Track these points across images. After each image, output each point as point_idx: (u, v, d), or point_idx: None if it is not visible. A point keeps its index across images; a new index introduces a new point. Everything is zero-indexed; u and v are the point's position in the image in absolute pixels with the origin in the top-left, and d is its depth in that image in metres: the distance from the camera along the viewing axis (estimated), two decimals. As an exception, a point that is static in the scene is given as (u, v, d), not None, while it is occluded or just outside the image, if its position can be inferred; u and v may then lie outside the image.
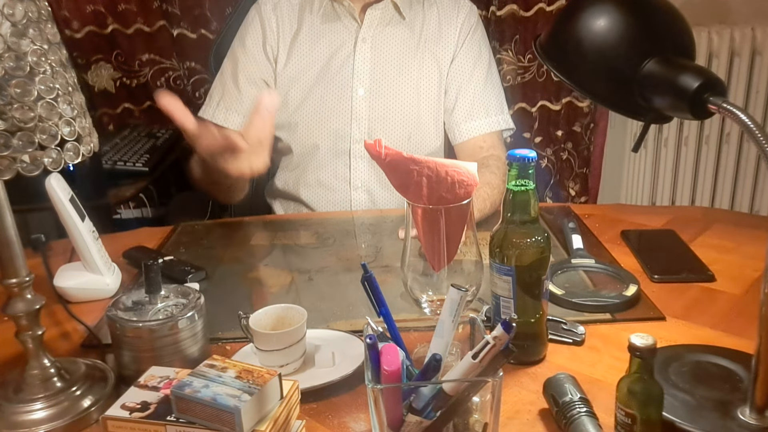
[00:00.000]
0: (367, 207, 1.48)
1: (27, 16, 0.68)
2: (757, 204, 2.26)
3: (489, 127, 1.46)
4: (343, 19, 1.46)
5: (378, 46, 1.46)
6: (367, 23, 1.45)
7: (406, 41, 1.47)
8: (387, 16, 1.46)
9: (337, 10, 1.46)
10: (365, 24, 1.45)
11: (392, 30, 1.47)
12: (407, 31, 1.47)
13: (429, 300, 0.84)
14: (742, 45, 2.10)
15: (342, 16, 1.46)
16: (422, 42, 1.47)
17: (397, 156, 0.81)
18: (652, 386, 0.67)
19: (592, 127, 2.19)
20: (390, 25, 1.47)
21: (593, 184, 2.28)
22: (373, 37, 1.46)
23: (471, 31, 1.49)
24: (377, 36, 1.46)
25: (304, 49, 1.46)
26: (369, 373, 0.64)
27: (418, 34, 1.47)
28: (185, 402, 0.68)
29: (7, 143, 0.68)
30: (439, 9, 1.49)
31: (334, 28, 1.46)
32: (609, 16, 0.81)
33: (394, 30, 1.47)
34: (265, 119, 1.08)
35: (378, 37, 1.46)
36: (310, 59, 1.46)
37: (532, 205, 0.82)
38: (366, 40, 1.45)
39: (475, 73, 1.48)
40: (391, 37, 1.46)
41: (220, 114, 1.46)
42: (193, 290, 0.89)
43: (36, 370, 0.82)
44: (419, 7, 1.48)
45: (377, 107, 1.45)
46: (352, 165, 1.47)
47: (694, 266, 1.11)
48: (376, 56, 1.46)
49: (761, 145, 0.67)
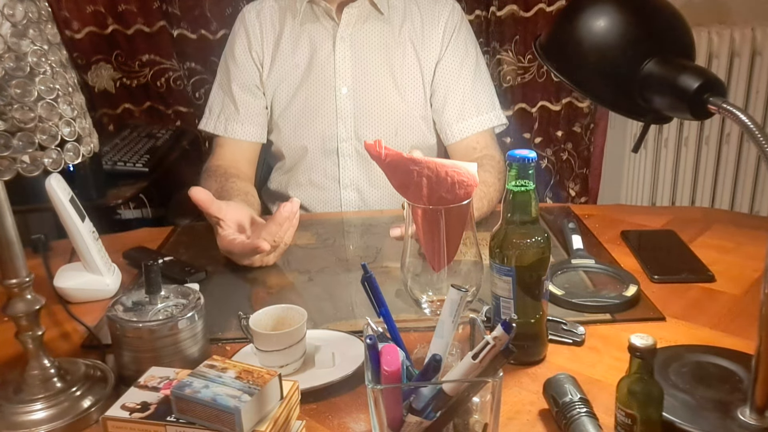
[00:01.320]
0: (357, 206, 1.49)
1: (27, 16, 0.68)
2: (757, 204, 2.26)
3: (481, 125, 1.46)
4: (321, 19, 1.47)
5: (357, 44, 1.46)
6: (345, 22, 1.45)
7: (386, 36, 1.47)
8: (364, 13, 1.46)
9: (315, 11, 1.47)
10: (342, 22, 1.45)
11: (370, 26, 1.47)
12: (386, 26, 1.47)
13: (429, 300, 0.84)
14: (742, 45, 2.10)
15: (320, 16, 1.47)
16: (403, 37, 1.47)
17: (397, 156, 0.81)
18: (652, 387, 0.67)
19: (592, 127, 2.19)
20: (368, 22, 1.47)
21: (593, 184, 2.28)
22: (351, 35, 1.46)
23: (455, 30, 1.48)
24: (355, 33, 1.46)
25: (286, 53, 1.47)
26: (369, 374, 0.64)
27: (398, 29, 1.47)
28: (185, 402, 0.68)
29: (7, 144, 0.68)
30: (420, 6, 1.49)
31: (314, 29, 1.47)
32: (609, 16, 0.81)
33: (373, 26, 1.47)
34: (281, 226, 1.11)
35: (356, 35, 1.46)
36: (293, 62, 1.47)
37: (532, 206, 0.82)
38: (345, 39, 1.46)
39: (462, 72, 1.47)
40: (369, 34, 1.47)
41: (221, 125, 1.49)
42: (193, 291, 0.89)
43: (36, 371, 0.82)
44: (399, 2, 1.48)
45: (361, 104, 1.46)
46: (341, 164, 1.47)
47: (694, 267, 1.11)
48: (356, 54, 1.46)
49: (761, 145, 0.67)
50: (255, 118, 1.48)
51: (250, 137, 1.49)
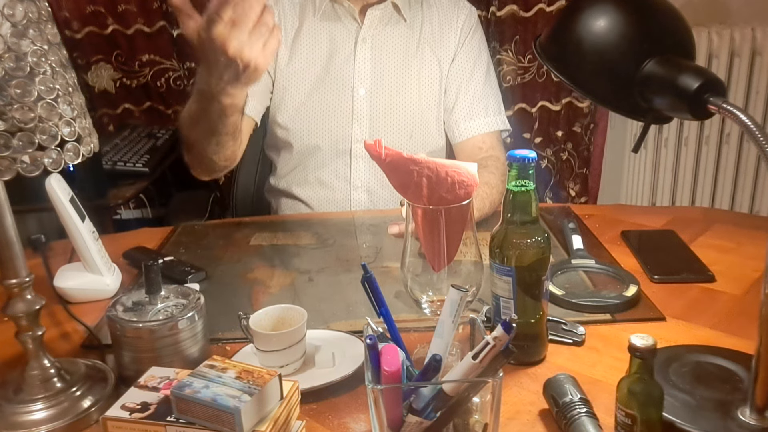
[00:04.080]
0: (366, 206, 1.49)
1: (27, 16, 0.68)
2: (757, 204, 2.26)
3: (488, 126, 1.47)
4: (343, 19, 1.46)
5: (378, 46, 1.46)
6: (368, 23, 1.45)
7: (407, 41, 1.47)
8: (386, 17, 1.47)
9: (337, 10, 1.46)
10: (365, 24, 1.45)
11: (392, 30, 1.47)
12: (407, 30, 1.47)
13: (429, 300, 0.84)
14: (742, 45, 2.10)
15: (342, 16, 1.46)
16: (422, 41, 1.47)
17: (397, 156, 0.81)
18: (652, 387, 0.67)
19: (592, 127, 2.19)
20: (390, 25, 1.47)
21: (593, 184, 2.28)
22: (373, 37, 1.46)
23: (471, 32, 1.50)
24: (377, 36, 1.46)
25: (304, 49, 1.46)
26: (369, 374, 0.64)
27: (418, 34, 1.47)
28: (185, 402, 0.68)
29: (7, 144, 0.68)
30: (439, 10, 1.50)
31: (335, 28, 1.46)
32: (609, 16, 0.81)
33: (394, 30, 1.47)
34: None
35: (378, 37, 1.46)
36: (311, 59, 1.46)
37: (532, 206, 0.82)
38: (366, 41, 1.45)
39: (475, 73, 1.48)
40: (391, 37, 1.47)
41: None
42: (193, 291, 0.89)
43: (36, 371, 0.82)
44: (418, 7, 1.49)
45: (378, 107, 1.46)
46: (353, 165, 1.47)
47: (694, 267, 1.11)
48: (377, 56, 1.46)
49: (761, 145, 0.67)
50: (257, 94, 1.44)
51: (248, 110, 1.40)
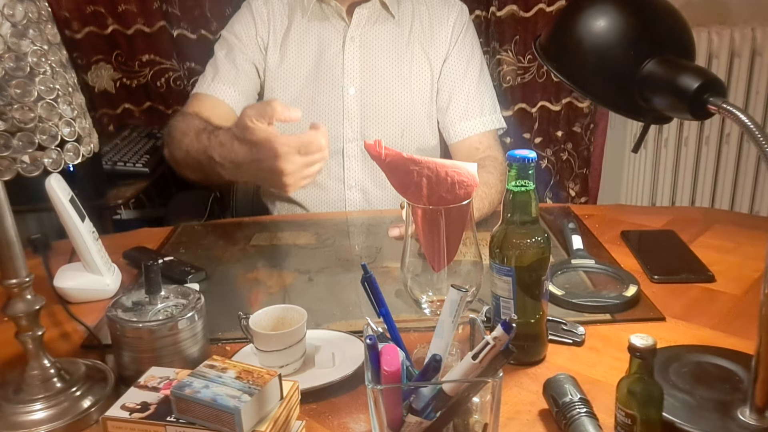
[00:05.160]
0: (361, 206, 1.49)
1: (27, 16, 0.68)
2: (757, 204, 2.26)
3: (484, 126, 1.47)
4: (331, 19, 1.46)
5: (367, 45, 1.46)
6: (355, 22, 1.45)
7: (396, 39, 1.47)
8: (375, 15, 1.46)
9: (324, 10, 1.46)
10: (353, 23, 1.45)
11: (381, 28, 1.47)
12: (396, 28, 1.47)
13: (429, 300, 0.84)
14: (742, 45, 2.10)
15: (330, 16, 1.46)
16: (412, 39, 1.47)
17: (397, 156, 0.81)
18: (652, 387, 0.67)
19: (592, 127, 2.19)
20: (378, 23, 1.47)
21: (593, 184, 2.28)
22: (361, 36, 1.46)
23: (463, 30, 1.49)
24: (365, 34, 1.46)
25: (293, 49, 1.46)
26: (369, 374, 0.64)
27: (407, 31, 1.47)
28: (185, 402, 0.68)
29: (7, 144, 0.68)
30: (429, 7, 1.49)
31: (323, 28, 1.46)
32: (609, 16, 0.81)
33: (383, 28, 1.47)
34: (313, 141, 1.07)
35: (366, 36, 1.46)
36: (299, 60, 1.46)
37: (532, 206, 0.82)
38: (354, 39, 1.45)
39: (468, 72, 1.48)
40: (379, 35, 1.47)
41: (216, 86, 1.44)
42: (193, 291, 0.89)
43: (36, 371, 0.82)
44: (408, 4, 1.49)
45: (369, 105, 1.46)
46: (346, 164, 1.47)
47: (694, 267, 1.11)
48: (366, 54, 1.46)
49: (761, 145, 0.67)
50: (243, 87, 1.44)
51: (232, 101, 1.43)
